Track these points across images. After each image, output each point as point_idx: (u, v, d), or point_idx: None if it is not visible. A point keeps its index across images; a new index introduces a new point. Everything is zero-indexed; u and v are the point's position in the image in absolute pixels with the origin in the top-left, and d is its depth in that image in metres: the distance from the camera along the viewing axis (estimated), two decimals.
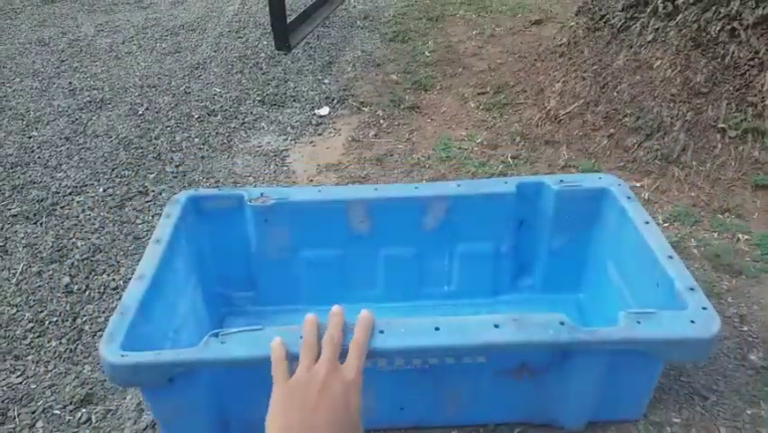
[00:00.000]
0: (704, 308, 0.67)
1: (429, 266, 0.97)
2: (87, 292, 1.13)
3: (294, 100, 1.84)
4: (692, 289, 0.70)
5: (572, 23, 1.80)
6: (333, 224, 0.92)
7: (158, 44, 2.29)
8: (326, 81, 1.94)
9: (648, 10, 1.53)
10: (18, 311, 1.10)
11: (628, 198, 0.87)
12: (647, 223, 0.81)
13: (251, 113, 1.77)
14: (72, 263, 1.20)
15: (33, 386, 0.96)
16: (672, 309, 0.69)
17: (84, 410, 0.91)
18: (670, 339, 0.65)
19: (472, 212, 0.92)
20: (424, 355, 0.68)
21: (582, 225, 0.93)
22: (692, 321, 0.66)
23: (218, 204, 0.91)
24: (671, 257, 0.75)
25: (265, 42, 2.23)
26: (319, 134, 1.65)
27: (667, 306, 0.70)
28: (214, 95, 1.88)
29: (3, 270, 1.20)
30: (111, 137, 1.67)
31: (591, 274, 0.97)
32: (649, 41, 1.49)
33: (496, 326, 0.65)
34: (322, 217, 0.92)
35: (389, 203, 0.91)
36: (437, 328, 0.65)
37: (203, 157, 1.56)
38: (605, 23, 1.64)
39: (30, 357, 1.01)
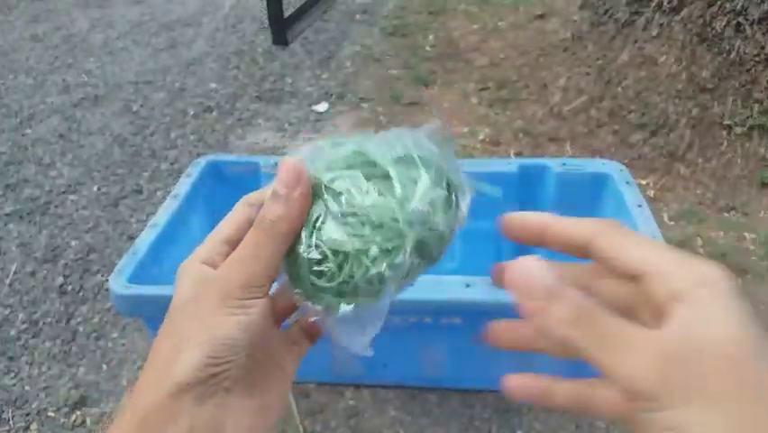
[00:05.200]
0: None
1: None
2: (81, 293, 1.11)
3: (291, 96, 1.81)
4: None
5: (576, 18, 1.78)
6: None
7: (153, 39, 2.26)
8: (324, 77, 1.91)
9: (653, 4, 1.50)
10: (12, 312, 1.08)
11: (627, 182, 0.87)
12: (640, 206, 0.82)
13: (248, 109, 1.75)
14: (66, 263, 1.18)
15: (27, 388, 0.94)
16: None
17: (78, 413, 0.90)
18: None
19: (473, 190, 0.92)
20: (399, 307, 0.71)
21: (584, 209, 0.94)
22: None
23: (236, 169, 0.96)
24: (655, 238, 0.76)
25: (262, 37, 2.20)
26: (317, 131, 1.63)
27: None
28: (210, 91, 1.85)
29: None
30: (105, 134, 1.64)
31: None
32: (654, 36, 1.47)
33: (467, 285, 0.69)
34: None
35: None
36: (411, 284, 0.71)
37: (198, 154, 1.54)
38: (609, 17, 1.61)
39: (24, 358, 0.99)
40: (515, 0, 2.38)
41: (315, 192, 0.23)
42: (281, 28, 2.01)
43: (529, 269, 0.19)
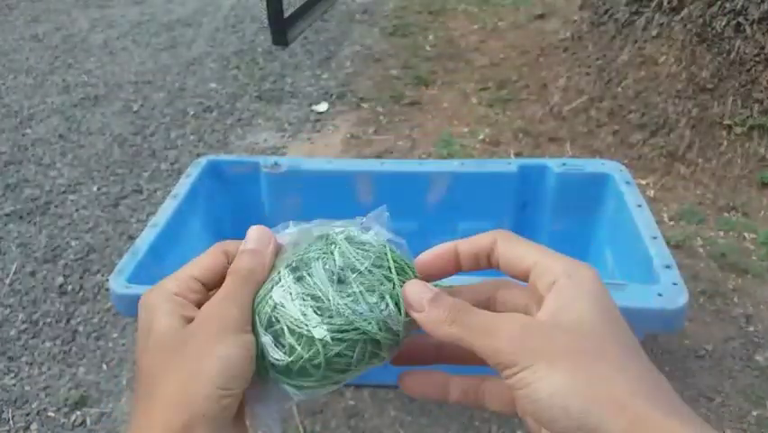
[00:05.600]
0: (674, 284, 0.69)
1: (432, 242, 1.00)
2: (81, 293, 1.11)
3: (291, 96, 1.81)
4: (668, 266, 0.71)
5: (576, 18, 1.78)
6: (341, 194, 0.95)
7: (153, 39, 2.26)
8: (324, 77, 1.91)
9: (653, 4, 1.50)
10: (12, 312, 1.08)
11: (627, 182, 0.87)
12: (639, 206, 0.82)
13: (248, 109, 1.75)
14: (66, 263, 1.18)
15: (27, 388, 0.94)
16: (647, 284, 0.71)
17: (78, 413, 0.90)
18: (635, 308, 0.67)
19: (474, 190, 0.93)
20: None
21: (583, 209, 0.94)
22: (660, 294, 0.68)
23: (236, 169, 0.97)
24: (655, 237, 0.76)
25: (262, 37, 2.20)
26: (317, 131, 1.63)
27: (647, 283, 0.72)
28: (210, 91, 1.85)
29: None
30: (105, 134, 1.64)
31: (593, 260, 0.96)
32: (654, 36, 1.47)
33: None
34: (331, 187, 0.95)
35: (394, 176, 0.93)
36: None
37: (198, 155, 1.54)
38: (609, 17, 1.61)
39: (24, 358, 0.99)
40: (515, 0, 2.38)
41: (281, 273, 0.24)
42: (281, 28, 2.01)
43: (417, 289, 0.24)
